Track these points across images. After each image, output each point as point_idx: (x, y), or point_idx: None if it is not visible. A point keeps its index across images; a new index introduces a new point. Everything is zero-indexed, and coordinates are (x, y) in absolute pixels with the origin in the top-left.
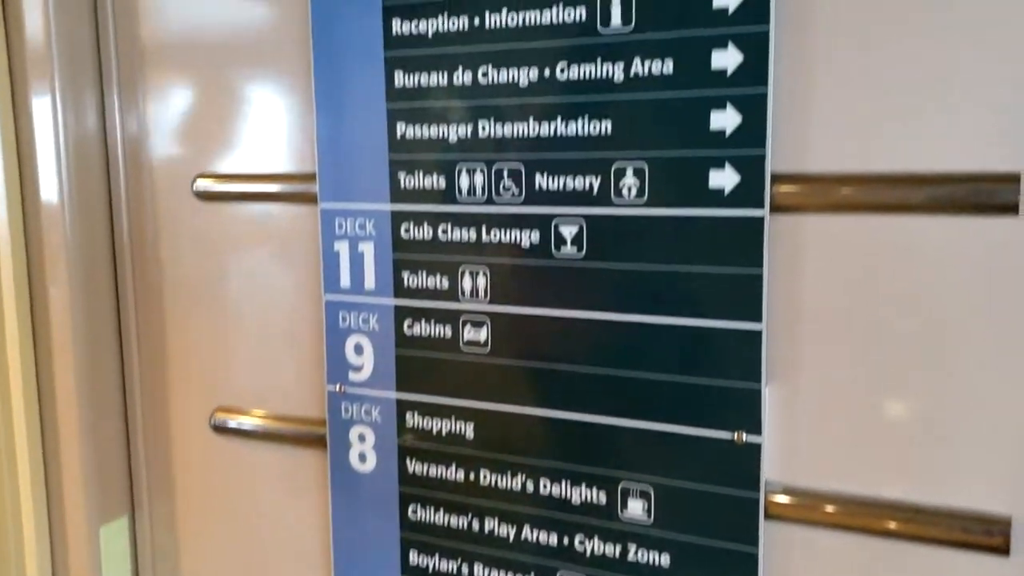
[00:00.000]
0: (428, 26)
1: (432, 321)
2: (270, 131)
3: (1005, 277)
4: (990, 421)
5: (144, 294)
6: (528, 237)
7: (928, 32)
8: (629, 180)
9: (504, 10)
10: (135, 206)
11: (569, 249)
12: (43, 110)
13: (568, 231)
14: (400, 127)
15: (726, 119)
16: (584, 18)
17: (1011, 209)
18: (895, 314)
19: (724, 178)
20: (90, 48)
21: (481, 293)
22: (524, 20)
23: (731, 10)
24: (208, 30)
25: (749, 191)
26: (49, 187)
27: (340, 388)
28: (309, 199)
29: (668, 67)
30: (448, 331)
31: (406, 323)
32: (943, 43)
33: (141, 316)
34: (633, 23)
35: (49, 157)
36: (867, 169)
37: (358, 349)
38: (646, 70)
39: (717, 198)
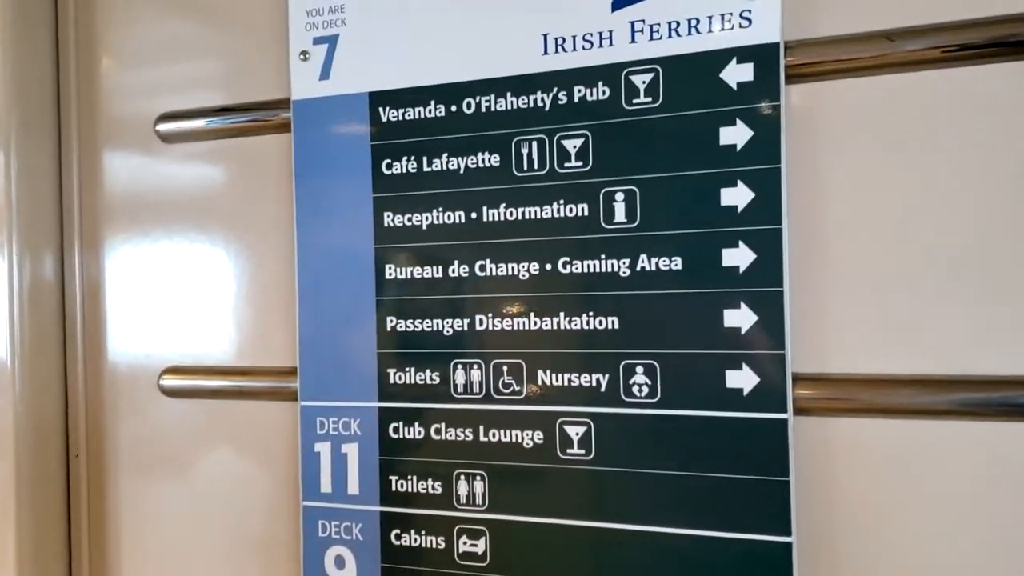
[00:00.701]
0: (422, 219)
1: (423, 531)
2: (245, 321)
3: None
4: None
5: (98, 489)
6: (531, 438)
7: (937, 238)
8: (639, 378)
9: (502, 206)
10: (94, 394)
11: (576, 451)
12: None
13: (574, 432)
14: (390, 321)
15: (740, 317)
16: (587, 214)
17: None
18: (929, 521)
19: (742, 379)
20: (53, 213)
21: (479, 499)
22: (524, 215)
23: (740, 208)
24: (180, 206)
25: (770, 393)
26: None
27: None
28: (287, 396)
29: (676, 263)
30: (441, 542)
31: (393, 533)
32: (958, 247)
33: (93, 513)
34: (638, 219)
35: (2, 313)
36: (894, 371)
37: (339, 562)
38: (653, 266)
39: (736, 400)
